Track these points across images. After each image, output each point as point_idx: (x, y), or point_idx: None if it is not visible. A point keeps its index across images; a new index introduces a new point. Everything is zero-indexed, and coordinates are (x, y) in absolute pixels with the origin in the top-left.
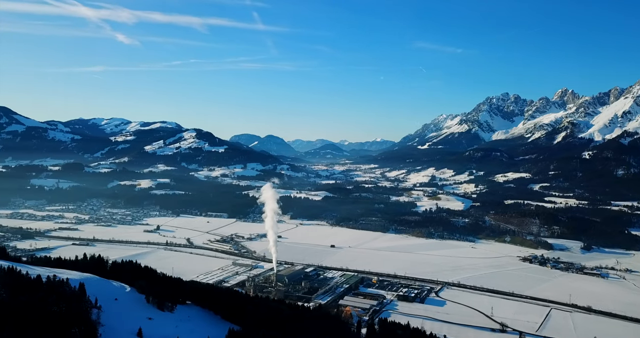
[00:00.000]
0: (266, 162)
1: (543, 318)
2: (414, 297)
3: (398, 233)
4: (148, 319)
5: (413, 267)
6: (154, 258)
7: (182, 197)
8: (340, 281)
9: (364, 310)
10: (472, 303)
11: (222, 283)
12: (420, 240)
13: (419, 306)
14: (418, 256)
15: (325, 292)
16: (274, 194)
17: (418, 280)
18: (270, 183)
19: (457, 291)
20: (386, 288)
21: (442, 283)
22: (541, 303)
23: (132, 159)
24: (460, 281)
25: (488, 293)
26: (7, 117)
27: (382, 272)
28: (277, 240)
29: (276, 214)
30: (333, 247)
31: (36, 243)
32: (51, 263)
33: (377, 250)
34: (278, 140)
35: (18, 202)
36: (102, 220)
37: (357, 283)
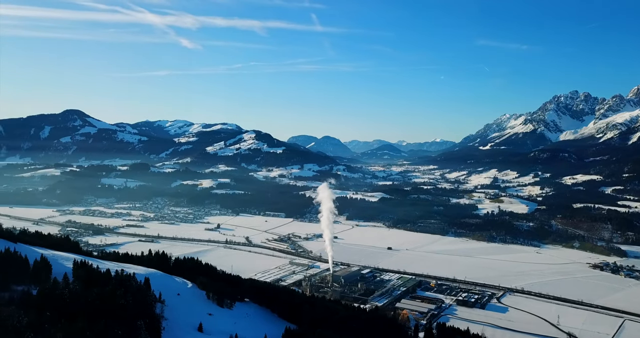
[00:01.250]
0: (322, 163)
1: (615, 330)
2: (474, 302)
3: (458, 237)
4: (208, 315)
5: (473, 272)
6: (214, 255)
7: (242, 197)
8: (397, 284)
9: (421, 314)
10: (536, 311)
11: (279, 282)
12: (481, 244)
13: (480, 312)
14: (479, 260)
15: (381, 294)
16: (330, 194)
17: (478, 285)
18: (326, 183)
19: (521, 298)
20: (445, 293)
21: (504, 289)
22: (613, 313)
23: (195, 159)
24: (524, 287)
25: (554, 301)
26: (81, 119)
27: (440, 276)
28: (333, 240)
29: (332, 214)
30: (390, 249)
31: (106, 239)
32: (119, 258)
33: (435, 253)
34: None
35: (90, 200)
36: (166, 218)
37: (415, 287)
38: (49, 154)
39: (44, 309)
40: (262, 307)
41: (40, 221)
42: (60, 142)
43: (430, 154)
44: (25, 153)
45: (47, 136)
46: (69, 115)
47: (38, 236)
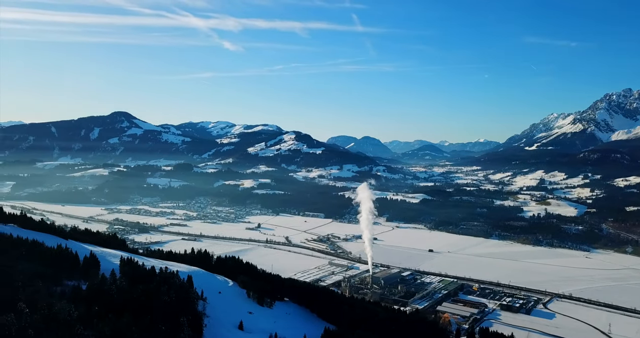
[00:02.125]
0: (362, 164)
1: None
2: (519, 307)
3: (502, 240)
4: (249, 313)
5: (518, 276)
6: (255, 254)
7: (282, 197)
8: (439, 287)
9: (463, 318)
10: (585, 318)
11: (319, 282)
12: (527, 247)
13: (525, 317)
14: (524, 264)
15: (422, 297)
16: (370, 195)
17: (523, 289)
18: (366, 183)
19: (569, 304)
20: (488, 297)
21: (550, 294)
22: None
23: (236, 160)
24: (572, 293)
25: (605, 308)
26: (128, 121)
27: (483, 280)
28: (373, 242)
29: (372, 215)
30: (431, 251)
31: (151, 237)
32: (163, 256)
33: (478, 256)
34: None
35: (136, 199)
36: (208, 218)
37: (457, 290)
38: (98, 154)
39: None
40: (301, 307)
41: (89, 219)
42: (108, 143)
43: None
44: (76, 153)
45: (96, 137)
46: (117, 117)
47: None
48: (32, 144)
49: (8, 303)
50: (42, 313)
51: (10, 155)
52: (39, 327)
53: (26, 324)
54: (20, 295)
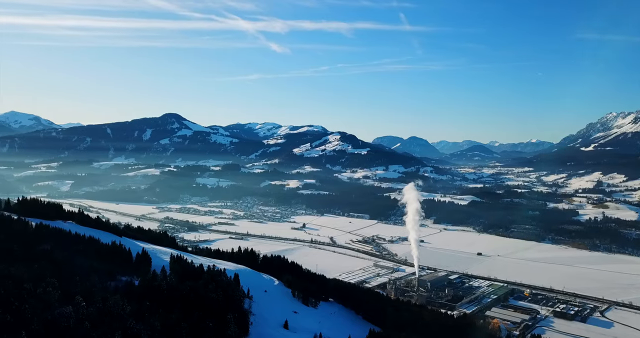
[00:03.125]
0: (408, 164)
1: None
2: (574, 315)
3: (555, 244)
4: (293, 313)
5: (572, 282)
6: (300, 254)
7: (327, 197)
8: (488, 291)
9: (514, 324)
10: None
11: (364, 283)
12: (582, 252)
13: (580, 325)
14: (579, 270)
15: (470, 301)
16: (417, 196)
17: (579, 296)
18: (412, 183)
19: (628, 313)
20: (540, 303)
21: (608, 302)
22: None
23: (282, 160)
24: (632, 302)
25: None
26: (179, 122)
27: (535, 285)
28: (419, 244)
29: (418, 216)
30: (480, 254)
31: (199, 236)
32: (211, 254)
33: (530, 260)
34: (421, 142)
35: (185, 198)
36: (254, 217)
37: (507, 295)
38: (150, 154)
39: (144, 299)
40: (346, 308)
41: (141, 217)
42: (159, 143)
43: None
44: (129, 154)
45: (148, 138)
46: (168, 119)
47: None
48: (89, 144)
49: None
50: (98, 306)
51: (69, 156)
52: (94, 319)
53: (83, 316)
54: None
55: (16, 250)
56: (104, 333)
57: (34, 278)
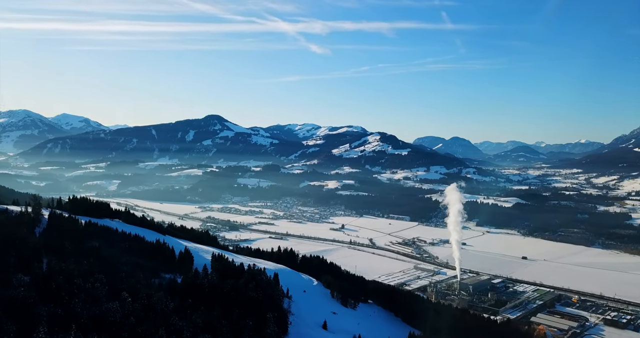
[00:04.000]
0: (450, 165)
1: None
2: (626, 323)
3: (606, 249)
4: (332, 313)
5: (625, 289)
6: (338, 255)
7: (366, 199)
8: (533, 296)
9: (560, 331)
10: None
11: (403, 286)
12: (636, 258)
13: (633, 335)
14: (632, 276)
15: (514, 306)
16: (459, 197)
17: (632, 304)
18: (455, 184)
19: None
20: (589, 310)
21: None
22: None
23: (321, 161)
24: None
25: None
26: (221, 124)
27: (584, 291)
28: (462, 247)
29: (461, 218)
30: (525, 258)
31: (240, 235)
32: (251, 253)
33: (578, 265)
34: (464, 142)
35: (227, 198)
36: (294, 217)
37: (553, 301)
38: (192, 155)
39: (187, 296)
40: (385, 310)
41: (184, 216)
42: (202, 144)
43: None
44: (173, 154)
45: (191, 139)
46: (210, 120)
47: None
48: (136, 145)
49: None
50: (142, 302)
51: (117, 156)
52: (139, 315)
53: (128, 312)
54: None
55: (67, 247)
56: (149, 328)
57: (84, 274)
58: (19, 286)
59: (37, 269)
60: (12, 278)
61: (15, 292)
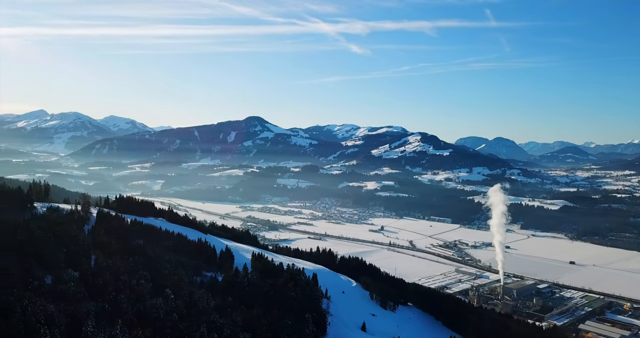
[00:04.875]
0: (494, 166)
1: None
2: None
3: None
4: (371, 315)
5: None
6: (378, 257)
7: (406, 200)
8: (581, 303)
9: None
10: None
11: (444, 289)
12: None
13: None
14: None
15: (561, 312)
16: (503, 198)
17: None
18: (498, 185)
19: None
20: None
21: None
22: None
23: (360, 162)
24: None
25: None
26: (261, 125)
27: (637, 298)
28: (505, 250)
29: (504, 220)
30: (572, 263)
31: (279, 235)
32: (290, 253)
33: (631, 272)
34: (508, 143)
35: (267, 198)
36: (332, 218)
37: (603, 308)
38: (234, 156)
39: (227, 294)
40: (425, 313)
41: (225, 216)
42: (243, 145)
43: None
44: (215, 155)
45: (232, 140)
46: (251, 122)
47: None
48: (179, 146)
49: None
50: (185, 299)
51: (161, 157)
52: (181, 312)
53: (171, 308)
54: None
55: (114, 244)
56: (190, 325)
57: (129, 270)
58: (69, 281)
59: (85, 265)
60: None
61: (66, 287)
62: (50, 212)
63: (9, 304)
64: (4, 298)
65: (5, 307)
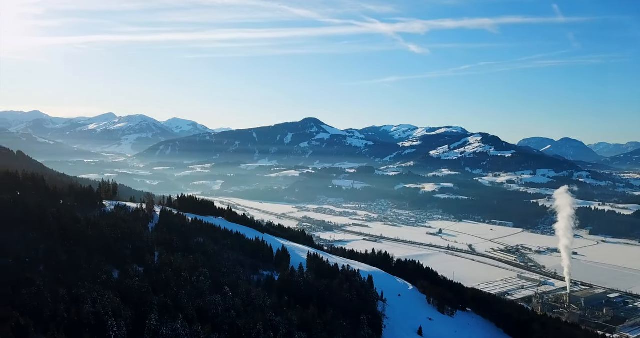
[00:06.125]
0: (560, 168)
1: None
2: None
3: None
4: (428, 319)
5: None
6: (435, 260)
7: (465, 202)
8: None
9: None
10: None
11: (505, 295)
12: None
13: None
14: None
15: (635, 324)
16: (570, 201)
17: None
18: (565, 187)
19: None
20: None
21: None
22: None
23: (418, 163)
24: None
25: None
26: (317, 127)
27: None
28: (572, 256)
29: (571, 224)
30: None
31: (334, 236)
32: (345, 255)
33: None
34: (575, 144)
35: (322, 199)
36: (388, 220)
37: None
38: (290, 157)
39: (283, 293)
40: (485, 319)
41: (282, 216)
42: (299, 146)
43: None
44: (272, 156)
45: (289, 142)
46: (307, 123)
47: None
48: (238, 147)
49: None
50: (242, 297)
51: (220, 158)
52: (239, 309)
53: (229, 306)
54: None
55: (175, 242)
56: (247, 322)
57: (190, 267)
58: (134, 276)
59: (149, 261)
60: (129, 268)
61: (132, 282)
62: (117, 210)
63: (80, 296)
64: (76, 291)
65: (78, 299)
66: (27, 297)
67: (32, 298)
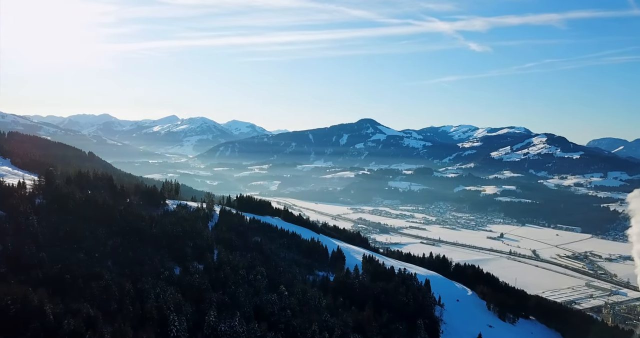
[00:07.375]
0: (634, 171)
1: None
2: None
3: None
4: (488, 326)
5: None
6: (496, 266)
7: (528, 206)
8: None
9: None
10: None
11: (572, 304)
12: None
13: None
14: None
15: None
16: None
17: None
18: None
19: None
20: None
21: None
22: None
23: (478, 164)
24: None
25: None
26: (373, 127)
27: None
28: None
29: None
30: None
31: (390, 238)
32: (402, 258)
33: None
34: None
35: (377, 201)
36: (447, 223)
37: None
38: (345, 158)
39: (338, 295)
40: (549, 329)
41: (337, 217)
42: (355, 148)
43: None
44: (327, 157)
45: (345, 143)
46: (363, 124)
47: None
48: (294, 149)
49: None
50: (298, 297)
51: (277, 159)
52: (294, 308)
53: (285, 305)
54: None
55: (234, 240)
56: (303, 322)
57: (247, 266)
58: (195, 273)
59: (209, 259)
60: (190, 265)
61: (192, 279)
62: (179, 209)
63: (144, 291)
64: (140, 285)
65: (142, 293)
66: (96, 290)
67: (101, 292)
